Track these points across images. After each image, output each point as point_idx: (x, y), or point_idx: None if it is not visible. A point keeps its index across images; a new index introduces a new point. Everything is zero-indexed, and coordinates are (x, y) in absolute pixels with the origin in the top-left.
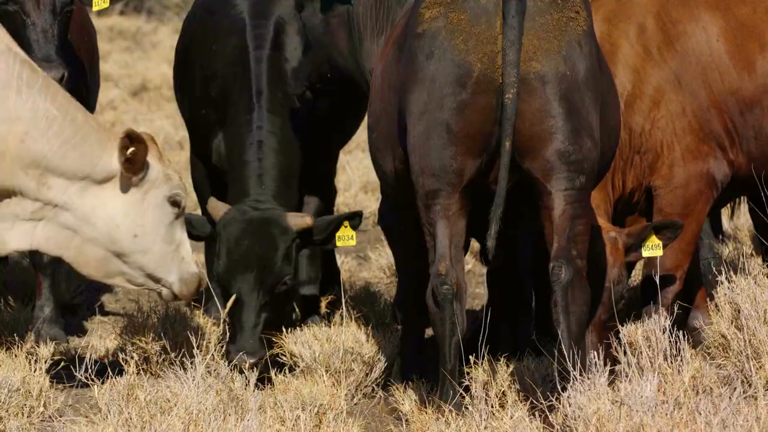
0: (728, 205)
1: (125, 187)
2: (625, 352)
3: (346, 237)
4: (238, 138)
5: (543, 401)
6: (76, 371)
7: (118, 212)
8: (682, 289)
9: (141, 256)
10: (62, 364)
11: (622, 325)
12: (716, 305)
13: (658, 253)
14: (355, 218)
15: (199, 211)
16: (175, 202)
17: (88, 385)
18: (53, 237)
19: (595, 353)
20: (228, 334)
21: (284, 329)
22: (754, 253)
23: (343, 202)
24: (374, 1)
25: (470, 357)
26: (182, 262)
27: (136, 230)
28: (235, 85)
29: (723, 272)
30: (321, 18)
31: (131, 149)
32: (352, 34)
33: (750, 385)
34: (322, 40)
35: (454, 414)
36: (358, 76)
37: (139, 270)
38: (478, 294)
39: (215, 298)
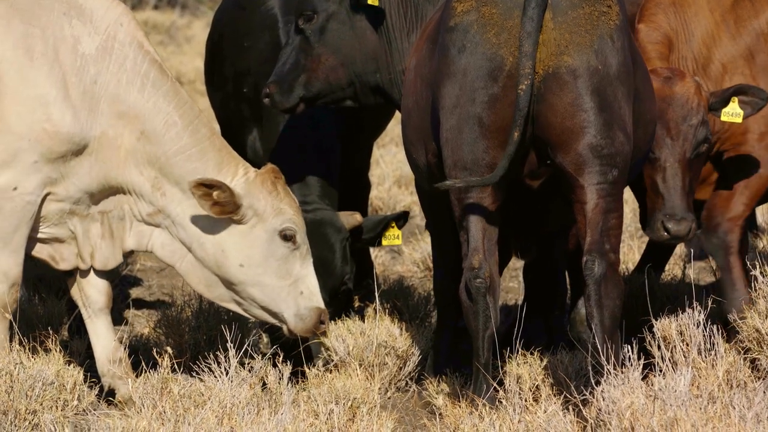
0: None
1: (229, 220)
2: (659, 347)
3: (392, 236)
4: (276, 138)
5: (576, 395)
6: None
7: (225, 239)
8: (743, 237)
9: (250, 287)
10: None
11: (656, 320)
12: (751, 299)
13: (737, 120)
14: (401, 219)
15: None
16: (286, 236)
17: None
18: (168, 245)
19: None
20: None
21: None
22: None
23: (377, 196)
24: (402, 0)
25: (504, 351)
26: (299, 297)
27: (242, 260)
28: None
29: (757, 266)
30: (342, 21)
31: (215, 193)
32: (381, 35)
33: None
34: (339, 45)
35: (487, 408)
36: (385, 77)
37: (250, 300)
38: (511, 288)
39: None
